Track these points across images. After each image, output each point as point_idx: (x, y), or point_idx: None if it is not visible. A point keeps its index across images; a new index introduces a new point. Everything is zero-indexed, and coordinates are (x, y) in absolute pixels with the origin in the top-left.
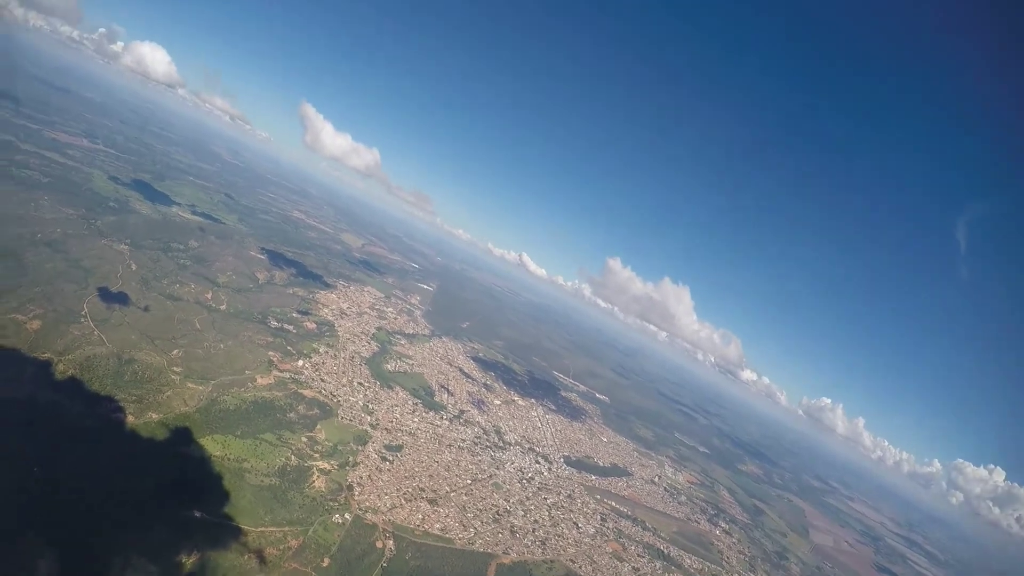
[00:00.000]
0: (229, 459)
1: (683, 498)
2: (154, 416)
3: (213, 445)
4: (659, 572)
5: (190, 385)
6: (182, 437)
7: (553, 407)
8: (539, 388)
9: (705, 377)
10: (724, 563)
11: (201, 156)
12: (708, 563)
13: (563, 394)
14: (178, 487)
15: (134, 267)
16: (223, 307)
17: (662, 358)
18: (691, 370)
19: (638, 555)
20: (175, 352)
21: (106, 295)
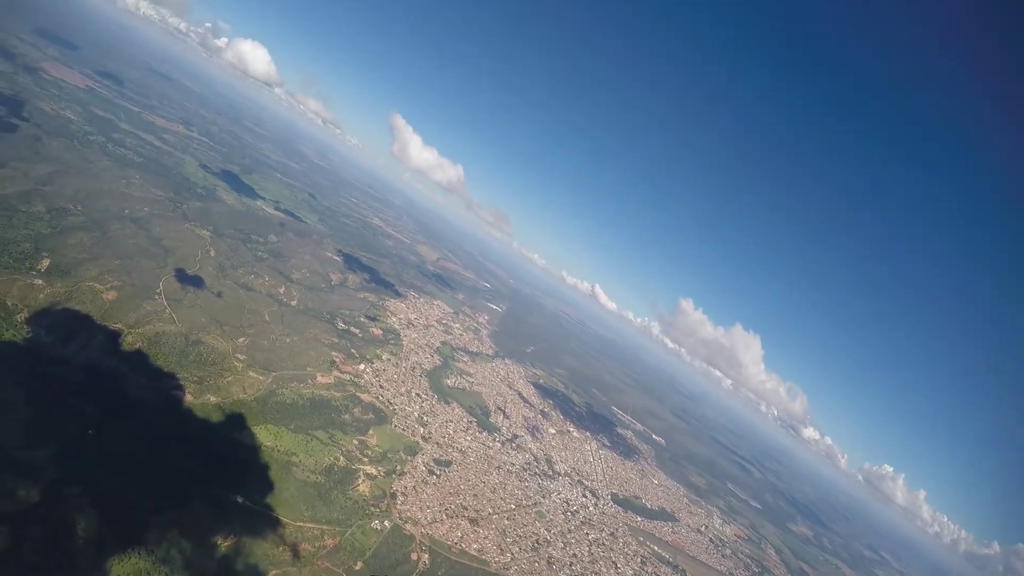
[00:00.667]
0: (279, 451)
1: (728, 551)
2: (212, 399)
3: (265, 435)
4: None
5: (251, 374)
6: (236, 423)
7: (607, 443)
8: (596, 422)
9: (766, 430)
10: None
11: (290, 154)
12: None
13: (619, 431)
14: (224, 470)
15: (213, 253)
16: (294, 303)
17: (724, 406)
18: (752, 421)
19: None
20: (241, 340)
21: (182, 276)
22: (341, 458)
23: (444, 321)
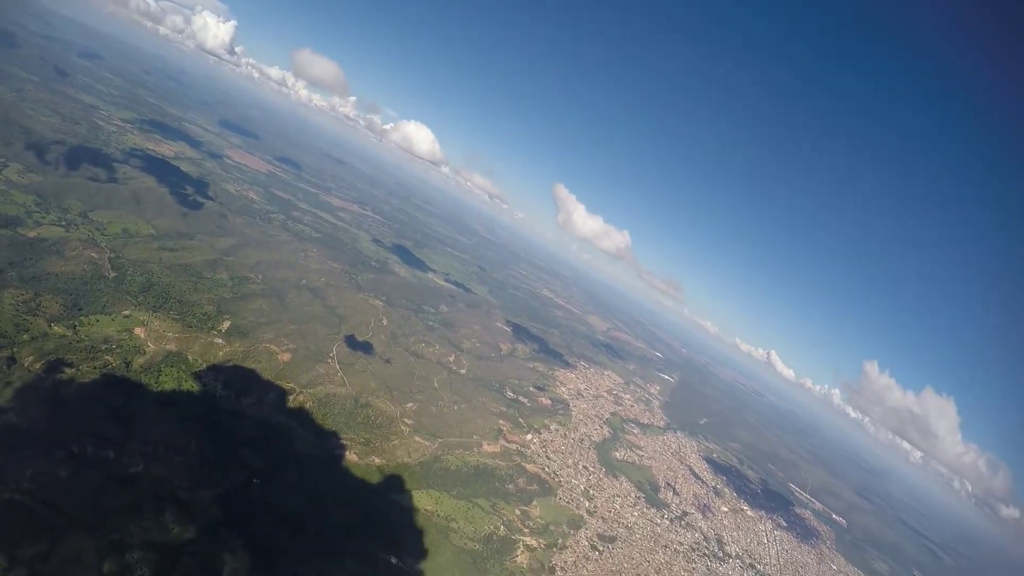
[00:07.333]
0: (439, 516)
1: None
2: (376, 460)
3: (426, 499)
4: None
5: (417, 439)
6: (397, 485)
7: (783, 523)
8: (771, 500)
9: (958, 510)
10: None
11: (458, 229)
12: None
13: (796, 510)
14: (381, 530)
15: (385, 322)
16: (463, 371)
17: (911, 482)
18: (943, 500)
19: None
20: (409, 405)
21: (353, 343)
22: (501, 527)
23: (614, 392)
